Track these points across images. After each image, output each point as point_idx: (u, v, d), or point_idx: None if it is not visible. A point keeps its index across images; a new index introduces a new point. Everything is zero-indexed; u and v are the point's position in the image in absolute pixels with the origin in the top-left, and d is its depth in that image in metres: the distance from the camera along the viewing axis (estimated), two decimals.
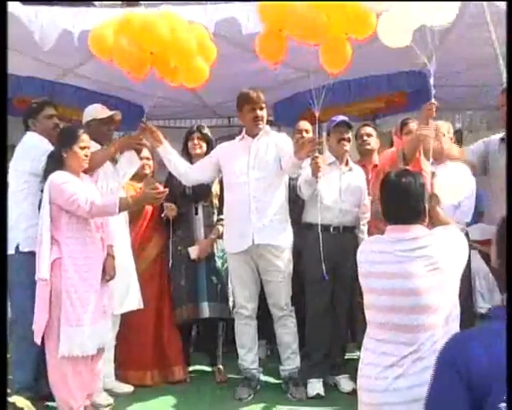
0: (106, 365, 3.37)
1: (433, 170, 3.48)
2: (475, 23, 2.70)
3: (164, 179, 4.01)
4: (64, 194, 2.96)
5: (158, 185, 3.22)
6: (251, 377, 3.55)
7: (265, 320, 3.71)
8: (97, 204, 2.97)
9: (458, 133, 5.70)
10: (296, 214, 3.61)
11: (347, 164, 3.65)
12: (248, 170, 3.44)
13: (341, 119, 3.60)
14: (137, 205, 3.32)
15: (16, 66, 3.53)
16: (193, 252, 3.73)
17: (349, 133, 3.60)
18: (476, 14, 3.07)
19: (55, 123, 3.48)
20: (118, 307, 3.41)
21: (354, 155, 4.04)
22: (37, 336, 2.93)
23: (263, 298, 3.61)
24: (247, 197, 3.40)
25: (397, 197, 2.12)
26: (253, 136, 3.52)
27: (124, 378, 3.64)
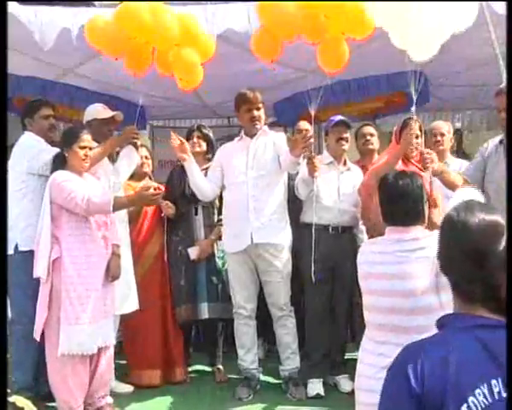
0: None
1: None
2: (475, 23, 2.69)
3: (164, 180, 4.02)
4: (63, 192, 2.97)
5: (154, 185, 3.19)
6: (251, 377, 3.55)
7: (264, 320, 3.72)
8: (94, 201, 2.96)
9: (458, 133, 5.70)
10: (295, 214, 3.61)
11: (345, 164, 3.65)
12: (247, 170, 3.45)
13: (340, 118, 3.59)
14: (133, 205, 3.31)
15: (16, 66, 3.52)
16: (193, 252, 3.73)
17: (347, 133, 3.60)
18: (476, 14, 3.07)
19: (51, 123, 3.48)
20: (118, 308, 3.40)
21: (355, 155, 4.03)
22: (36, 332, 2.95)
23: (261, 298, 3.61)
24: (246, 197, 3.41)
25: (394, 199, 2.12)
26: (252, 136, 3.53)
27: (132, 378, 3.66)
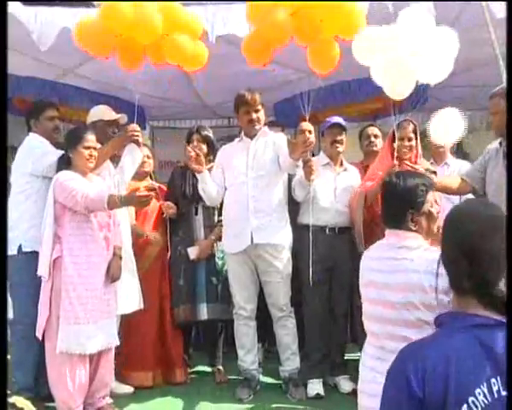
0: None
1: (434, 169, 3.48)
2: (475, 24, 2.69)
3: (164, 180, 4.02)
4: (65, 191, 2.98)
5: (156, 185, 3.18)
6: (251, 377, 3.55)
7: (264, 321, 3.71)
8: (90, 197, 2.96)
9: None
10: (295, 215, 3.61)
11: (342, 165, 3.67)
12: (247, 170, 3.45)
13: (335, 121, 3.61)
14: (125, 205, 3.30)
15: (16, 66, 3.53)
16: (192, 252, 3.73)
17: (342, 135, 3.62)
18: (476, 14, 3.08)
19: (56, 125, 3.49)
20: (119, 308, 3.40)
21: (359, 155, 4.02)
22: (38, 331, 2.96)
23: (261, 298, 3.61)
24: (246, 197, 3.41)
25: (383, 200, 2.04)
26: (252, 137, 3.53)
27: (125, 379, 3.63)
